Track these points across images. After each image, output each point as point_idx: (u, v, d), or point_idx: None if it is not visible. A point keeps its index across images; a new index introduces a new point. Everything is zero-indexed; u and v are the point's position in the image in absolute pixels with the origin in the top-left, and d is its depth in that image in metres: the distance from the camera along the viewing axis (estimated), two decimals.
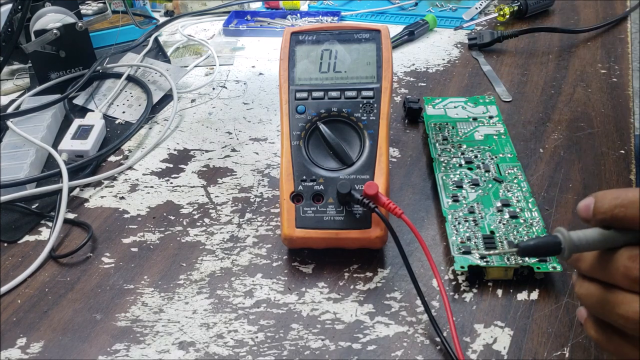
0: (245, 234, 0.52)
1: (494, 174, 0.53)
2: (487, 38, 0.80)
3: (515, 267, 0.45)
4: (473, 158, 0.56)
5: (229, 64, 0.81)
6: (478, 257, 0.45)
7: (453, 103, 0.64)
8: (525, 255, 0.34)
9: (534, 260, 0.45)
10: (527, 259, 0.44)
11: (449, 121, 0.61)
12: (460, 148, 0.57)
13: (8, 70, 0.79)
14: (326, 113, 0.51)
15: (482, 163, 0.55)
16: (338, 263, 0.48)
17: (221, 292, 0.46)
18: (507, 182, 0.52)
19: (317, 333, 0.42)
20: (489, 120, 0.61)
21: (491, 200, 0.50)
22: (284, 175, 0.49)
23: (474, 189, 0.52)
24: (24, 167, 0.58)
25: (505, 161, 0.55)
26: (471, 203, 0.50)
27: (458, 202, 0.51)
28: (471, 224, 0.48)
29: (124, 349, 0.42)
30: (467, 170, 0.54)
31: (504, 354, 0.40)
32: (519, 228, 0.48)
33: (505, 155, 0.56)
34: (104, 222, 0.54)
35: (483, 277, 0.46)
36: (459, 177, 0.53)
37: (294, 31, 0.55)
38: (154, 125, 0.68)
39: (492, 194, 0.51)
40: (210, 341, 0.42)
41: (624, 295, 0.30)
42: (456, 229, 0.48)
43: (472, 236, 0.47)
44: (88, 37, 0.74)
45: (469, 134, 0.59)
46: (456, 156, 0.56)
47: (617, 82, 0.71)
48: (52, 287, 0.47)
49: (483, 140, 0.58)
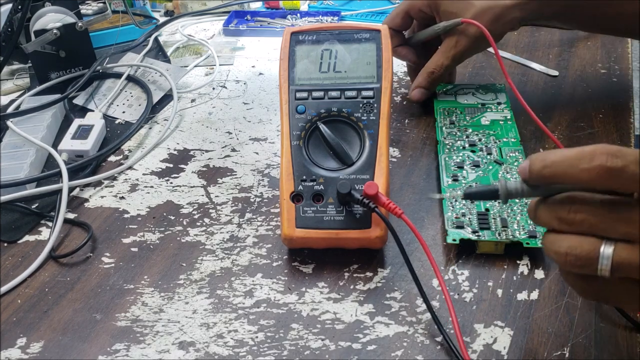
0: (245, 234, 0.52)
1: (495, 156, 0.55)
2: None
3: (505, 242, 0.46)
4: (477, 141, 0.58)
5: (229, 64, 0.81)
6: (470, 232, 0.47)
7: (464, 89, 0.66)
8: (469, 198, 0.39)
9: (524, 235, 0.46)
10: (518, 234, 0.47)
11: (457, 107, 0.63)
12: (466, 132, 0.59)
13: (8, 70, 0.79)
14: (326, 113, 0.51)
15: (485, 146, 0.57)
16: (338, 263, 0.48)
17: (221, 292, 0.46)
18: (507, 164, 0.54)
19: (317, 333, 0.42)
20: (497, 106, 0.63)
21: (490, 181, 0.52)
22: (284, 175, 0.49)
23: (474, 170, 0.54)
24: (24, 167, 0.58)
25: (508, 145, 0.57)
26: (470, 183, 0.52)
27: (457, 181, 0.53)
28: (468, 201, 0.50)
29: (124, 348, 0.42)
30: (469, 153, 0.56)
31: (504, 354, 0.40)
32: (513, 207, 0.49)
33: (509, 140, 0.58)
34: (104, 222, 0.54)
35: (475, 251, 0.47)
36: (461, 159, 0.55)
37: (294, 31, 0.55)
38: (154, 125, 0.68)
39: (492, 175, 0.53)
40: (210, 341, 0.42)
41: (554, 235, 0.34)
42: (452, 206, 0.50)
43: (467, 213, 0.49)
44: (88, 37, 0.74)
45: (476, 119, 0.61)
46: (461, 139, 0.58)
47: (617, 82, 0.71)
48: (52, 287, 0.47)
49: (489, 125, 0.60)
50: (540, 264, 0.47)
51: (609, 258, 0.31)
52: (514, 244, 0.47)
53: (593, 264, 0.31)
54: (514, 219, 0.48)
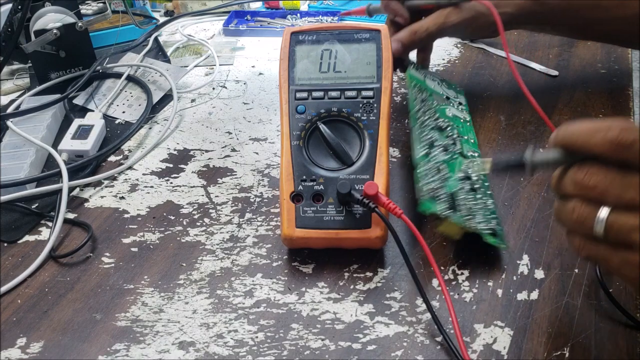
0: (245, 234, 0.52)
1: (459, 148, 0.55)
2: None
3: (468, 230, 0.46)
4: (445, 127, 0.57)
5: (229, 64, 0.81)
6: (444, 207, 0.46)
7: (432, 76, 0.65)
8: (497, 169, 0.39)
9: (487, 231, 0.46)
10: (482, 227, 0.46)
11: (427, 89, 0.62)
12: (435, 114, 0.58)
13: (8, 70, 0.79)
14: (326, 113, 0.51)
15: (451, 135, 0.56)
16: (338, 263, 0.48)
17: (221, 292, 0.46)
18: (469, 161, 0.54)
19: (317, 333, 0.42)
20: (459, 105, 0.63)
21: (455, 168, 0.52)
22: (284, 175, 0.49)
23: (443, 153, 0.53)
24: (24, 167, 0.58)
25: (468, 143, 0.57)
26: (439, 164, 0.51)
27: (428, 156, 0.52)
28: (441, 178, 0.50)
29: (124, 348, 0.42)
30: (438, 135, 0.55)
31: (503, 354, 0.40)
32: (477, 200, 0.49)
33: (469, 139, 0.57)
34: (104, 222, 0.54)
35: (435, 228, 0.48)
36: (432, 138, 0.54)
37: (294, 31, 0.55)
38: (154, 125, 0.68)
39: (458, 164, 0.52)
40: (210, 341, 0.42)
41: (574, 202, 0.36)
42: (426, 176, 0.49)
43: (440, 189, 0.49)
44: (88, 37, 0.74)
45: (442, 108, 0.60)
46: (432, 119, 0.57)
47: (617, 82, 0.71)
48: (52, 287, 0.47)
49: (452, 118, 0.59)
50: (540, 264, 0.47)
51: (603, 220, 0.34)
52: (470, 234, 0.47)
53: (590, 224, 0.34)
54: (478, 212, 0.48)
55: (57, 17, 0.71)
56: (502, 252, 0.48)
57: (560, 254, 0.47)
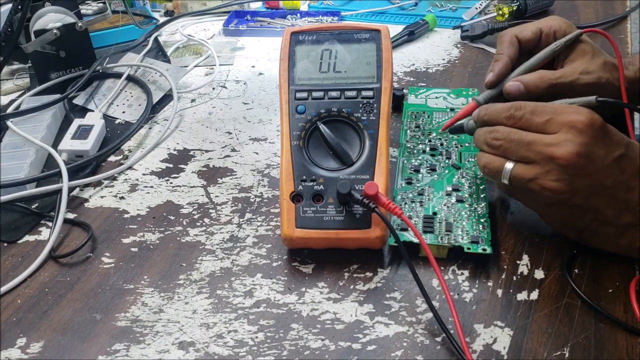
0: (245, 234, 0.52)
1: (454, 160, 0.55)
2: (479, 30, 0.81)
3: (448, 246, 0.47)
4: (438, 145, 0.57)
5: (229, 64, 0.81)
6: (413, 235, 0.47)
7: (435, 94, 0.66)
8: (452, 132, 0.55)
9: (466, 240, 0.47)
10: (461, 239, 0.47)
11: (426, 110, 0.63)
12: (429, 136, 0.59)
13: (8, 70, 0.79)
14: (326, 113, 0.51)
15: (445, 150, 0.57)
16: (338, 263, 0.48)
17: (221, 292, 0.46)
18: (463, 169, 0.54)
19: (317, 333, 0.42)
20: None
21: (443, 185, 0.53)
22: (284, 175, 0.49)
23: (430, 174, 0.54)
24: (24, 167, 0.58)
25: (469, 150, 0.57)
26: (423, 186, 0.52)
27: (411, 184, 0.53)
28: (417, 204, 0.50)
29: (123, 349, 0.42)
30: (429, 157, 0.56)
31: (503, 354, 0.40)
32: (461, 211, 0.49)
33: (471, 145, 0.57)
34: (104, 222, 0.54)
35: (418, 253, 0.47)
36: (419, 162, 0.55)
37: (294, 31, 0.55)
38: (153, 125, 0.68)
39: (446, 179, 0.53)
40: (210, 341, 0.42)
41: (481, 154, 0.48)
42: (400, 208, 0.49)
43: (414, 216, 0.49)
44: (88, 37, 0.74)
45: (442, 123, 0.60)
46: (423, 143, 0.58)
47: None
48: (52, 287, 0.47)
49: None
50: (540, 264, 0.47)
51: (508, 172, 0.45)
52: (456, 249, 0.47)
53: (500, 175, 0.46)
54: (459, 224, 0.48)
55: (57, 17, 0.71)
56: (501, 252, 0.48)
57: (560, 254, 0.47)
